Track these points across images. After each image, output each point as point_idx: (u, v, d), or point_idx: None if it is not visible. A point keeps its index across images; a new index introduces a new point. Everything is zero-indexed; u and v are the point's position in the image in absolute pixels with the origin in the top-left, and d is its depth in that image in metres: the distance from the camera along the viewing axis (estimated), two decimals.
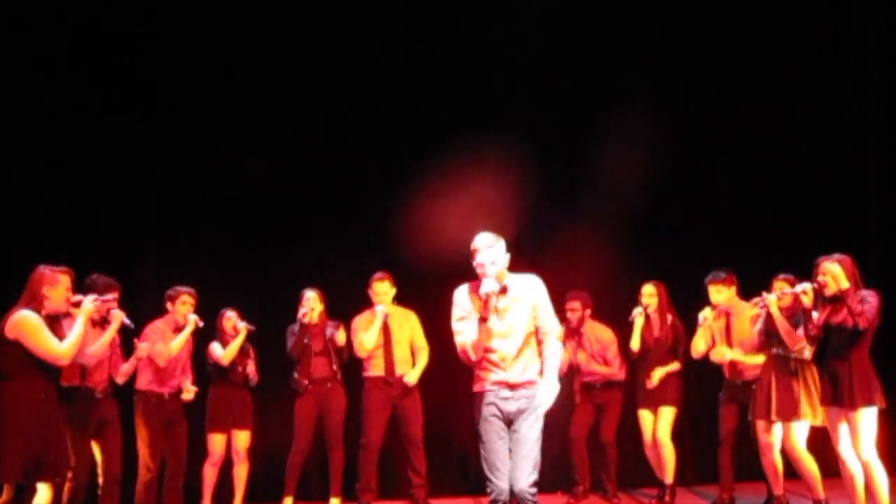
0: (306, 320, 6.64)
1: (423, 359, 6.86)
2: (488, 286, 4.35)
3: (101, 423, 5.66)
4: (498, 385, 4.45)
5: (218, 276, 7.16)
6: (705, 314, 6.45)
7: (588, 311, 7.00)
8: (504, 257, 4.47)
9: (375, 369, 6.77)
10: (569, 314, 6.94)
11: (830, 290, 5.36)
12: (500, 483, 4.42)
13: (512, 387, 4.46)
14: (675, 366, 6.73)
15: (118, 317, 5.61)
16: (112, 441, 5.75)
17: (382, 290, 6.73)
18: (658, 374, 6.71)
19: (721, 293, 6.42)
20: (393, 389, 6.75)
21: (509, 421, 4.46)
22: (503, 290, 4.44)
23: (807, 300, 5.48)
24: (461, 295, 4.55)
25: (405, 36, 7.66)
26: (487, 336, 4.42)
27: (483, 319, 4.38)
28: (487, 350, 4.45)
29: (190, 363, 6.45)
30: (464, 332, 4.47)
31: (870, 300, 5.28)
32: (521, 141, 7.48)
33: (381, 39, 7.65)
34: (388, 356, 6.74)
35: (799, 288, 5.53)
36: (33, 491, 4.79)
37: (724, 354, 6.38)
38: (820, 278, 5.39)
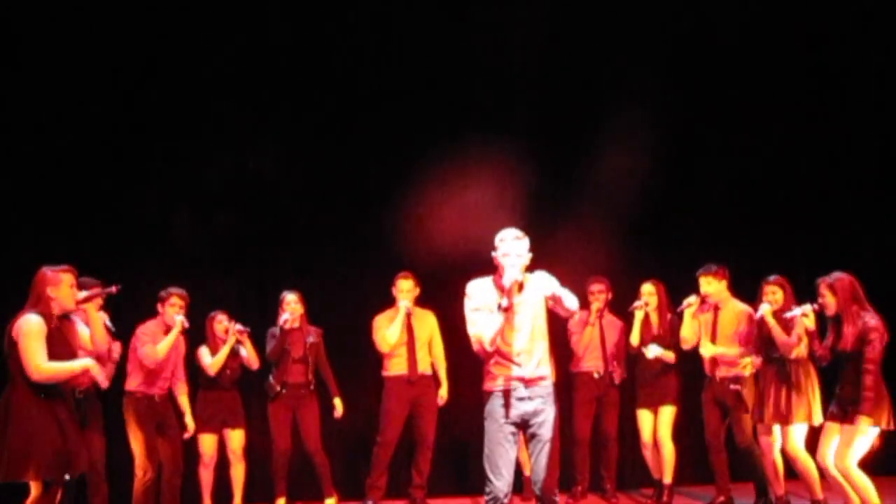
0: (287, 326, 6.65)
1: (443, 364, 6.90)
2: (514, 275, 4.39)
3: (82, 423, 5.53)
4: (513, 382, 4.47)
5: (215, 277, 7.18)
6: (690, 300, 6.50)
7: (610, 296, 7.03)
8: (528, 254, 4.52)
9: (397, 368, 6.78)
10: (595, 295, 6.94)
11: (831, 311, 5.38)
12: (500, 484, 4.44)
13: (527, 382, 4.47)
14: (670, 355, 6.70)
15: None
16: (94, 440, 5.77)
17: (406, 287, 6.77)
18: (654, 350, 6.69)
19: (711, 285, 6.44)
20: (414, 388, 6.77)
21: (524, 422, 4.47)
22: (521, 287, 4.47)
23: (808, 322, 5.50)
24: (475, 287, 4.56)
25: (405, 35, 7.64)
26: (508, 327, 4.44)
27: (507, 308, 4.38)
28: (500, 345, 4.47)
29: (182, 365, 6.43)
30: (479, 322, 4.48)
31: (872, 337, 5.20)
32: (521, 141, 7.48)
33: (380, 38, 7.64)
34: (411, 355, 6.76)
35: (799, 311, 5.55)
36: (59, 487, 4.79)
37: (704, 349, 6.41)
38: (821, 300, 5.41)
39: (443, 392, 6.89)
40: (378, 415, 6.85)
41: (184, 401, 6.41)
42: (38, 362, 4.66)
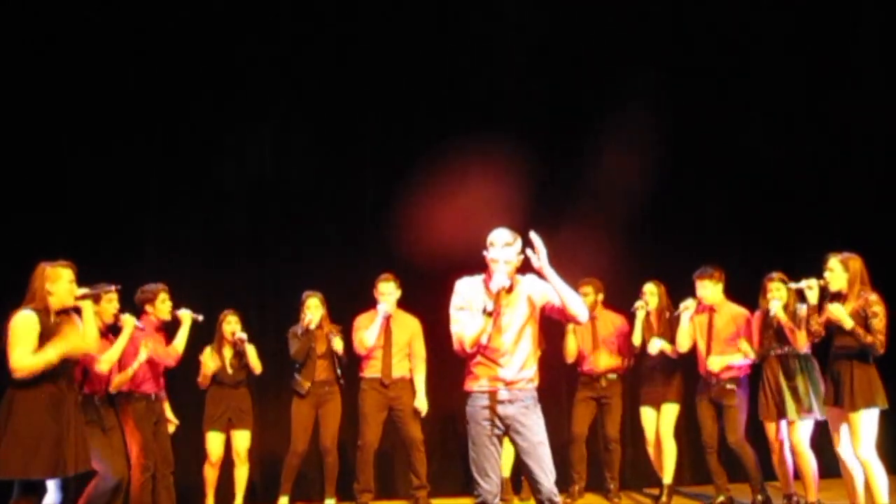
0: (313, 326, 6.67)
1: (420, 370, 6.85)
2: (501, 281, 4.35)
3: (101, 429, 5.61)
4: (494, 382, 4.40)
5: (218, 277, 7.18)
6: (686, 304, 6.49)
7: (601, 297, 7.00)
8: (518, 258, 4.45)
9: (372, 370, 6.78)
10: (581, 299, 6.91)
11: (836, 286, 5.42)
12: (489, 486, 4.39)
13: (509, 384, 4.40)
14: (669, 347, 6.70)
15: (130, 322, 5.65)
16: (121, 444, 5.76)
17: (387, 290, 6.75)
18: (657, 344, 6.70)
19: (707, 288, 6.44)
20: (389, 391, 6.76)
21: (506, 426, 4.40)
22: (510, 289, 4.43)
23: (811, 296, 5.51)
24: (464, 285, 4.51)
25: (404, 34, 7.65)
26: (494, 328, 4.38)
27: (492, 314, 4.34)
28: (485, 346, 4.41)
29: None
30: (462, 321, 4.43)
31: (876, 310, 5.28)
32: (521, 140, 7.47)
33: (379, 38, 7.64)
34: (386, 358, 6.75)
35: (804, 283, 5.56)
36: (44, 489, 4.81)
37: (713, 365, 6.37)
38: (826, 274, 5.45)
39: (417, 402, 6.78)
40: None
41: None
42: (18, 358, 4.65)
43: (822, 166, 7.90)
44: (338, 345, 6.71)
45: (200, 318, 6.26)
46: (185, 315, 6.20)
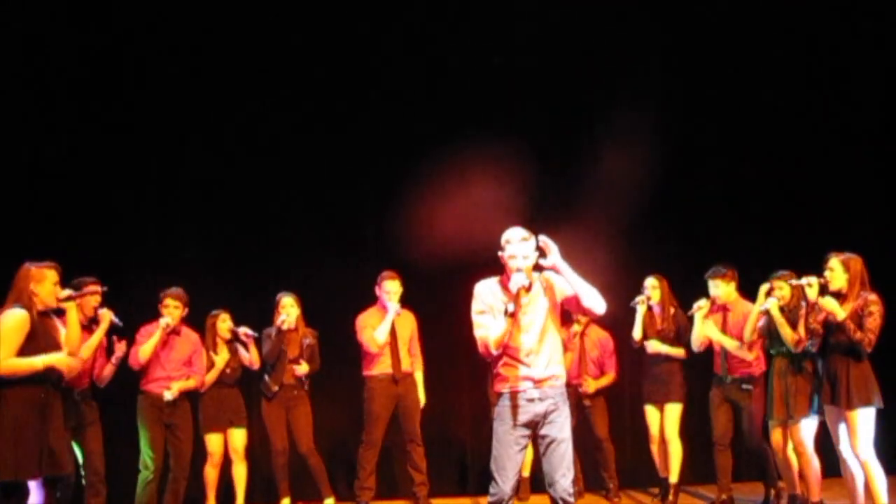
0: (285, 327, 6.65)
1: (419, 368, 6.89)
2: (521, 280, 4.31)
3: (80, 424, 5.65)
4: (523, 382, 4.39)
5: (215, 277, 7.15)
6: (700, 304, 6.47)
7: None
8: (534, 254, 4.42)
9: (382, 367, 6.77)
10: (577, 316, 6.90)
11: (836, 285, 5.43)
12: (505, 486, 4.38)
13: (537, 382, 4.39)
14: (679, 351, 6.69)
15: (107, 317, 5.61)
16: (93, 441, 5.74)
17: (393, 288, 6.73)
18: (654, 346, 6.70)
19: (720, 288, 6.42)
20: (399, 387, 6.77)
21: (535, 424, 4.40)
22: (529, 287, 4.40)
23: (811, 293, 5.50)
24: (483, 289, 4.48)
25: (404, 35, 7.63)
26: (516, 327, 4.37)
27: (514, 314, 4.31)
28: (509, 346, 4.40)
29: (199, 362, 6.41)
30: (484, 325, 4.41)
31: (873, 309, 5.31)
32: (522, 139, 7.46)
33: (380, 38, 7.62)
34: (394, 354, 6.76)
35: (804, 280, 5.57)
36: (27, 491, 4.77)
37: (717, 337, 6.37)
38: (826, 273, 5.46)
39: (422, 397, 6.84)
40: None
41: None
42: (3, 359, 4.58)
43: (824, 165, 7.88)
44: (302, 369, 6.70)
45: (169, 324, 6.19)
46: (163, 322, 6.18)
